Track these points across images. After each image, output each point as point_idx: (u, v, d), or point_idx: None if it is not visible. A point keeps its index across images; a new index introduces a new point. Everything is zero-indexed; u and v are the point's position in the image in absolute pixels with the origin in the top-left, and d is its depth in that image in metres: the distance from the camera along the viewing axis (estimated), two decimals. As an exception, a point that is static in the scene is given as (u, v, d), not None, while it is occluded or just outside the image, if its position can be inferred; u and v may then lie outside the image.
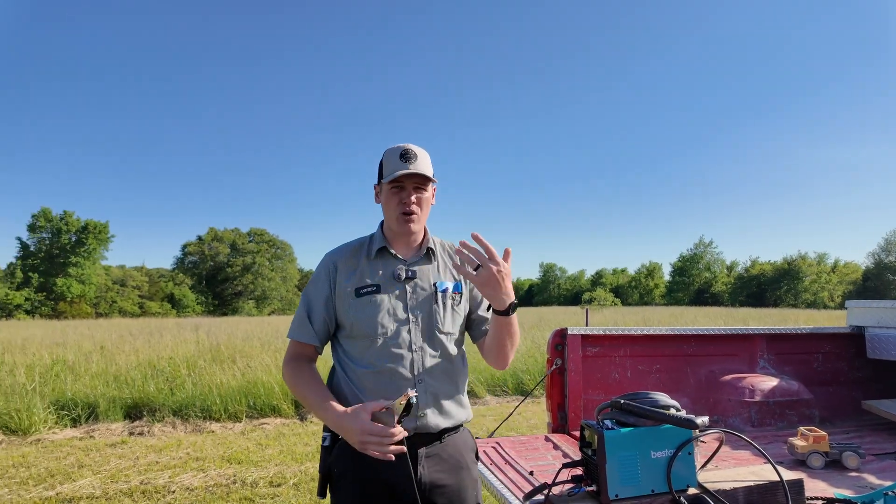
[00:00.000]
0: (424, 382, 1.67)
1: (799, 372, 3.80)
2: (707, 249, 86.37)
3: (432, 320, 1.72)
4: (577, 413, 3.30)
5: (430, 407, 1.67)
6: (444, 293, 1.74)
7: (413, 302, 1.71)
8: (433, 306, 1.72)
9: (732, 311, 37.84)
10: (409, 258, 1.77)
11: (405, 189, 1.69)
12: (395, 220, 1.71)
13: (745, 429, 3.37)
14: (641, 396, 1.59)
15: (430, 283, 1.74)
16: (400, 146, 1.70)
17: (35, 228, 58.64)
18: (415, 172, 1.65)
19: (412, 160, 1.67)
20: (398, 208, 1.69)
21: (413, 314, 1.70)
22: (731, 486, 1.52)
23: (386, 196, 1.72)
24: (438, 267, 1.79)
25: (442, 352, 1.72)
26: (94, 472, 5.02)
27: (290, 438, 6.25)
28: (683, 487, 1.50)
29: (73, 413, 6.97)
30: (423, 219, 1.76)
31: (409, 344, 1.68)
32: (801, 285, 73.61)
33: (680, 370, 3.67)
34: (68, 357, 9.58)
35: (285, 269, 75.32)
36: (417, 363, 1.68)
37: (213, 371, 8.51)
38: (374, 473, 1.61)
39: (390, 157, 1.70)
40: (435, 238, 1.86)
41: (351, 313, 1.70)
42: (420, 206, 1.71)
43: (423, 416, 1.65)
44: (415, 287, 1.73)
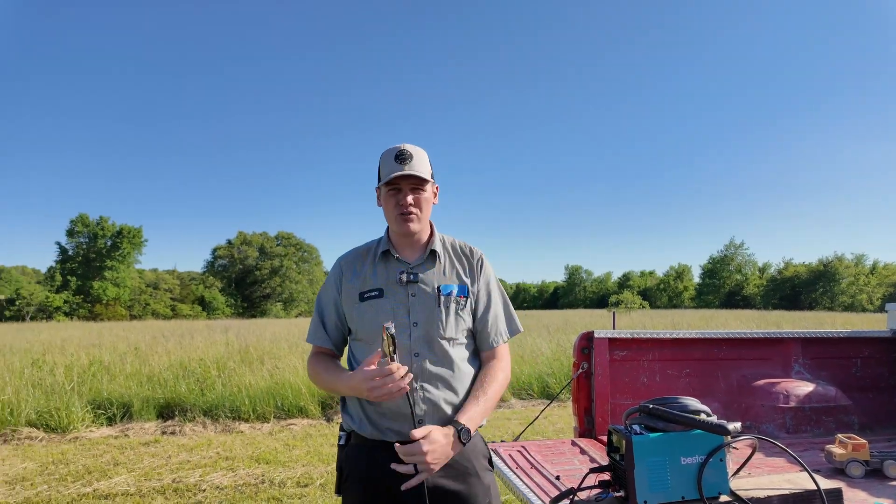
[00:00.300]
0: (423, 389, 1.64)
1: (836, 377, 3.67)
2: (738, 251, 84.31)
3: (434, 325, 1.67)
4: (604, 417, 3.26)
5: (428, 415, 1.64)
6: (447, 296, 1.70)
7: (415, 306, 1.68)
8: (436, 310, 1.68)
9: (765, 314, 36.82)
10: (413, 261, 1.74)
11: (402, 190, 1.67)
12: (394, 222, 1.70)
13: (779, 435, 3.28)
14: (671, 401, 1.56)
15: (434, 287, 1.70)
16: (396, 147, 1.68)
17: (73, 233, 60.76)
18: (409, 174, 1.63)
19: (407, 161, 1.65)
20: (396, 210, 1.68)
21: (413, 319, 1.67)
22: (765, 494, 1.48)
23: (384, 198, 1.71)
24: (444, 269, 1.75)
25: (443, 358, 1.67)
26: (129, 470, 5.17)
27: (317, 439, 6.31)
28: (715, 495, 1.46)
29: (108, 412, 7.18)
30: (424, 218, 1.73)
31: (408, 350, 1.65)
32: (837, 287, 71.20)
33: (710, 375, 3.58)
34: (104, 358, 9.89)
35: (312, 271, 76.29)
36: (416, 369, 1.64)
37: (242, 372, 8.67)
38: (378, 474, 1.61)
39: (386, 158, 1.68)
40: (444, 237, 1.82)
41: (355, 317, 1.71)
42: (419, 206, 1.69)
43: (420, 422, 1.62)
44: (417, 291, 1.69)
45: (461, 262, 1.79)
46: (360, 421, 1.68)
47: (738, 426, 1.45)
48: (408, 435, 1.54)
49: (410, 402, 1.59)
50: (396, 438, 1.61)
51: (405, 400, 1.60)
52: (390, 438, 1.62)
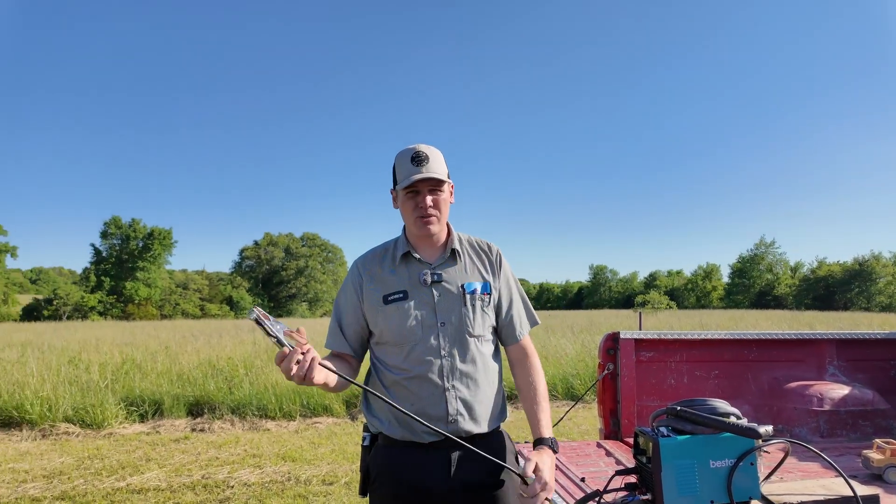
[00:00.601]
0: (455, 388, 1.65)
1: (874, 380, 3.55)
2: (769, 250, 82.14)
3: (462, 324, 1.68)
4: (630, 419, 3.21)
5: (460, 413, 1.64)
6: (472, 294, 1.70)
7: (440, 306, 1.68)
8: (462, 309, 1.69)
9: (797, 314, 35.82)
10: (434, 261, 1.73)
11: (420, 193, 1.65)
12: (413, 224, 1.68)
13: (812, 439, 3.19)
14: (699, 403, 1.53)
15: (458, 286, 1.70)
16: (411, 148, 1.66)
17: (107, 235, 62.56)
18: (427, 177, 1.61)
19: (424, 162, 1.62)
20: (415, 213, 1.66)
21: (441, 319, 1.67)
22: (798, 499, 1.44)
23: (402, 201, 1.69)
24: (465, 267, 1.75)
25: (472, 356, 1.69)
26: (160, 466, 5.30)
27: (342, 438, 6.38)
28: (745, 499, 1.43)
29: (140, 409, 7.38)
30: (443, 219, 1.71)
31: (437, 350, 1.65)
32: (874, 287, 68.80)
33: (740, 376, 3.51)
34: (136, 356, 10.17)
35: (336, 272, 77.09)
36: (447, 368, 1.65)
37: (269, 371, 8.81)
38: (409, 475, 1.62)
39: (402, 161, 1.66)
40: (461, 235, 1.81)
41: (380, 321, 1.69)
42: (438, 207, 1.67)
43: (453, 421, 1.63)
44: (442, 291, 1.69)
45: (480, 259, 1.79)
46: (389, 423, 1.67)
47: (770, 429, 1.42)
48: (438, 435, 1.53)
49: (446, 403, 1.61)
50: (431, 439, 1.62)
51: (438, 400, 1.62)
52: (423, 440, 1.63)
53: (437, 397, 1.62)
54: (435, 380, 1.63)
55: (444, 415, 1.62)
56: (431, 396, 1.63)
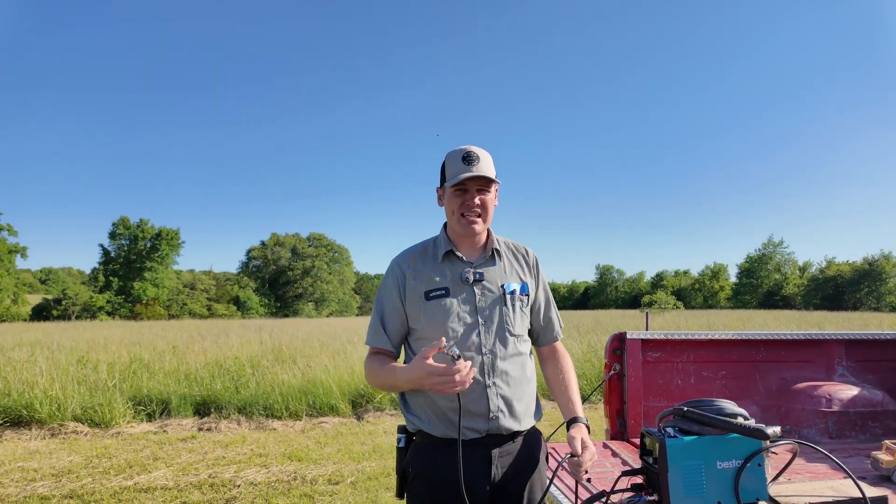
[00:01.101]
0: (496, 386, 1.67)
1: (884, 381, 3.52)
2: (777, 249, 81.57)
3: (503, 322, 1.71)
4: (636, 420, 3.20)
5: (501, 410, 1.67)
6: (511, 295, 1.74)
7: (482, 304, 1.71)
8: (503, 308, 1.72)
9: (806, 314, 35.56)
10: (475, 260, 1.77)
11: (468, 191, 1.69)
12: (458, 223, 1.71)
13: (821, 441, 3.16)
14: (706, 404, 1.52)
15: (498, 286, 1.74)
16: (462, 148, 1.70)
17: (115, 236, 63.03)
18: (478, 175, 1.65)
19: (475, 162, 1.66)
20: (461, 210, 1.69)
21: (482, 317, 1.70)
22: (806, 501, 1.43)
23: (449, 199, 1.72)
24: (505, 268, 1.79)
25: (512, 354, 1.72)
26: (168, 465, 5.33)
27: (348, 437, 6.39)
28: (753, 501, 1.42)
29: (148, 408, 7.42)
30: (488, 220, 1.75)
31: (478, 347, 1.68)
32: (884, 287, 68.16)
33: (748, 377, 3.48)
34: (144, 356, 10.22)
35: (342, 272, 77.35)
36: (488, 366, 1.67)
37: (275, 371, 8.84)
38: (447, 474, 1.63)
39: (453, 159, 1.70)
40: (499, 238, 1.84)
41: (421, 317, 1.71)
42: (484, 207, 1.71)
43: (494, 418, 1.66)
44: (483, 289, 1.73)
45: (518, 262, 1.83)
46: (430, 421, 1.69)
47: (778, 430, 1.40)
48: (480, 431, 1.65)
49: (487, 399, 1.66)
50: (472, 436, 1.65)
51: (479, 397, 1.65)
52: (465, 437, 1.65)
53: (478, 394, 1.65)
54: (476, 377, 1.65)
55: (485, 411, 1.65)
56: (473, 393, 1.64)
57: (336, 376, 8.30)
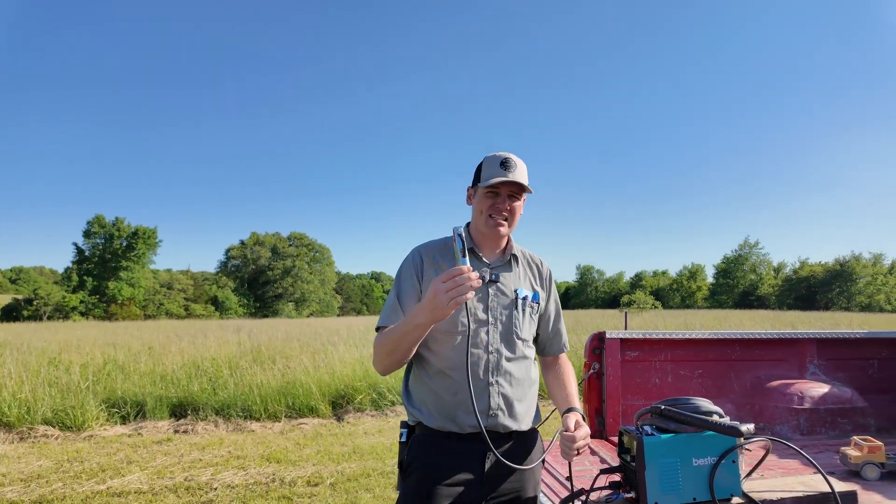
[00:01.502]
0: (498, 384, 1.71)
1: (853, 378, 3.62)
2: (752, 250, 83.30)
3: (511, 324, 1.76)
4: (615, 418, 3.23)
5: (500, 408, 1.71)
6: (523, 300, 1.79)
7: (494, 304, 1.75)
8: (513, 311, 1.77)
9: (780, 314, 36.37)
10: (493, 262, 1.81)
11: (500, 195, 1.74)
12: (484, 223, 1.75)
13: (793, 437, 3.23)
14: (683, 402, 1.54)
15: (512, 289, 1.79)
16: (501, 154, 1.75)
17: (90, 234, 61.57)
18: (513, 181, 1.70)
19: (512, 169, 1.72)
20: (490, 211, 1.74)
21: (492, 316, 1.74)
22: (779, 496, 1.46)
23: (480, 199, 1.76)
24: (519, 275, 1.84)
25: (517, 356, 1.76)
26: (142, 468, 5.22)
27: (328, 439, 6.34)
28: (727, 497, 1.44)
29: (122, 411, 7.27)
30: (513, 226, 1.80)
31: (486, 345, 1.72)
32: (854, 287, 70.12)
33: (724, 375, 3.54)
34: (119, 357, 10.01)
35: (323, 272, 76.75)
36: (492, 364, 1.71)
37: (254, 372, 8.74)
38: (444, 462, 1.67)
39: (490, 163, 1.74)
40: (517, 246, 1.90)
41: None
42: (512, 213, 1.76)
43: (493, 415, 1.69)
44: (497, 291, 1.77)
45: (532, 271, 1.89)
46: (429, 413, 1.72)
47: (752, 428, 1.43)
48: (478, 426, 1.62)
49: (488, 396, 1.69)
50: (469, 430, 1.67)
51: (481, 393, 1.68)
52: (464, 430, 1.67)
53: (480, 390, 1.68)
54: (479, 373, 1.69)
55: (485, 408, 1.69)
56: (475, 389, 1.67)
57: (316, 377, 8.24)
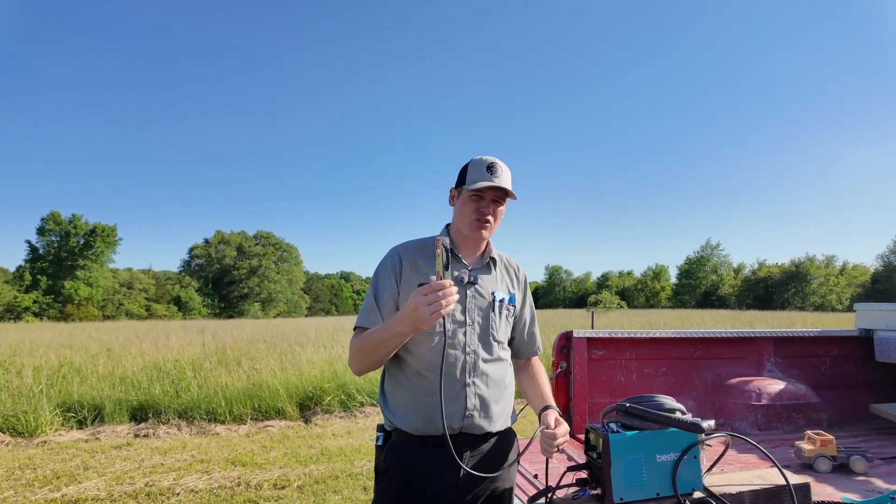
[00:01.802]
0: (475, 385, 1.72)
1: (807, 375, 3.77)
2: (714, 252, 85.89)
3: (488, 326, 1.78)
4: (582, 416, 3.29)
5: (477, 409, 1.71)
6: (500, 303, 1.82)
7: (471, 306, 1.77)
8: (490, 314, 1.79)
9: (739, 313, 37.60)
10: (472, 264, 1.82)
11: (485, 200, 1.76)
12: (468, 226, 1.77)
13: (751, 432, 3.35)
14: (647, 400, 1.58)
15: (489, 292, 1.81)
16: (487, 159, 1.76)
17: (44, 232, 59.05)
18: (499, 186, 1.72)
19: (498, 174, 1.74)
20: (474, 215, 1.75)
21: (470, 318, 1.75)
22: (737, 489, 1.51)
23: (464, 202, 1.77)
24: (497, 278, 1.86)
25: (494, 357, 1.78)
26: (100, 474, 5.04)
27: (295, 441, 6.25)
28: (689, 491, 1.48)
29: (79, 415, 7.00)
30: (493, 230, 1.82)
31: (463, 346, 1.73)
32: (808, 288, 73.10)
33: (686, 373, 3.64)
34: (75, 359, 9.64)
35: (291, 271, 75.55)
36: (469, 365, 1.72)
37: (219, 373, 8.54)
38: (419, 467, 1.67)
39: (477, 166, 1.76)
40: (495, 250, 1.92)
41: None
42: (494, 217, 1.78)
43: (469, 416, 1.70)
44: (475, 293, 1.78)
45: (509, 275, 1.92)
46: (406, 417, 1.71)
47: (712, 424, 1.48)
48: (454, 428, 1.68)
49: (465, 397, 1.69)
50: (446, 432, 1.64)
51: (457, 394, 1.69)
52: (436, 432, 1.67)
53: (457, 391, 1.69)
54: (456, 374, 1.70)
55: (461, 409, 1.69)
56: (452, 390, 1.69)
57: (283, 378, 8.11)
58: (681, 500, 1.45)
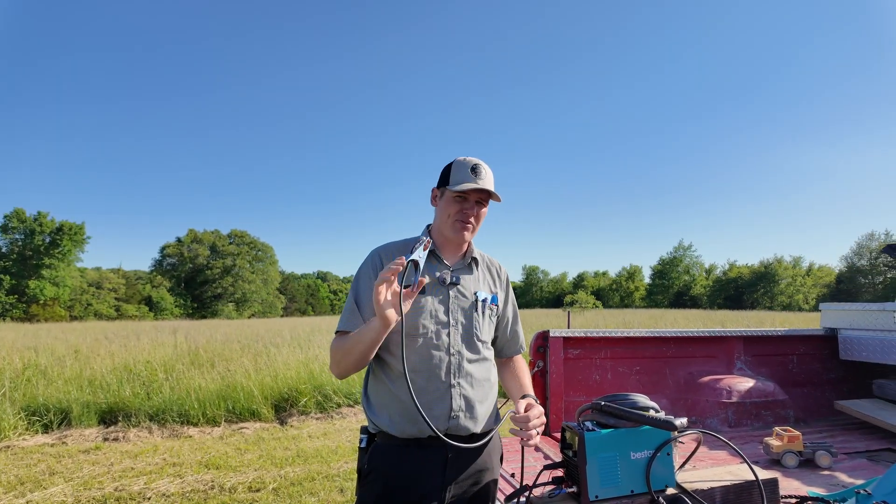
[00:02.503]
0: (460, 386, 1.71)
1: (774, 373, 3.87)
2: (686, 253, 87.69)
3: (472, 327, 1.78)
4: (558, 415, 3.32)
5: (462, 410, 1.70)
6: (483, 303, 1.82)
7: (454, 307, 1.77)
8: (474, 314, 1.79)
9: (710, 313, 38.41)
10: (454, 265, 1.83)
11: (468, 201, 1.76)
12: (450, 227, 1.77)
13: (722, 429, 3.42)
14: (621, 398, 1.60)
15: (472, 292, 1.81)
16: (471, 160, 1.76)
17: (7, 229, 57.05)
18: (483, 188, 1.72)
19: (481, 176, 1.74)
20: (457, 216, 1.76)
21: (454, 318, 1.75)
22: (709, 485, 1.54)
23: (446, 202, 1.77)
24: (479, 277, 1.86)
25: (478, 358, 1.78)
26: (66, 480, 4.90)
27: (270, 443, 6.16)
28: (662, 488, 1.51)
29: (44, 419, 6.78)
30: (475, 231, 1.82)
31: (447, 347, 1.72)
32: (777, 288, 75.15)
33: (659, 372, 3.71)
34: (41, 361, 9.34)
35: (266, 271, 74.46)
36: (454, 366, 1.72)
37: (192, 375, 8.36)
38: (404, 470, 1.66)
39: (460, 167, 1.75)
40: (477, 250, 1.92)
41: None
42: (477, 219, 1.79)
43: (455, 417, 1.68)
44: (457, 293, 1.78)
45: (491, 274, 1.92)
46: (391, 419, 1.70)
47: (685, 421, 1.51)
48: (442, 431, 1.65)
49: (450, 398, 1.68)
50: (430, 434, 1.64)
51: (443, 395, 1.68)
52: (424, 434, 1.66)
53: (441, 392, 1.68)
54: (441, 375, 1.70)
55: (447, 411, 1.68)
56: (437, 391, 1.68)
57: (258, 380, 7.99)
58: (654, 496, 1.48)
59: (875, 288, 65.90)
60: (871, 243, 68.51)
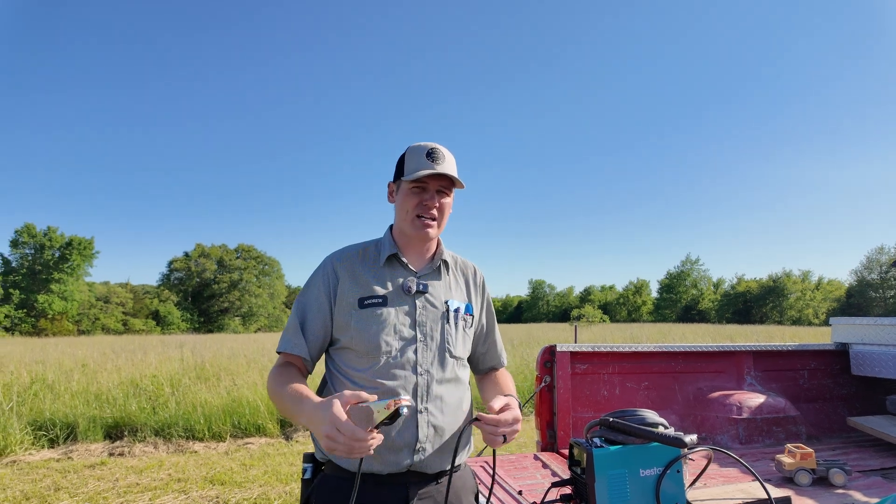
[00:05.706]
0: (428, 412, 1.47)
1: (785, 389, 3.82)
2: (694, 267, 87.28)
3: (444, 342, 1.54)
4: (566, 431, 3.28)
5: (429, 441, 1.46)
6: (455, 313, 1.58)
7: (422, 319, 1.53)
8: (445, 326, 1.55)
9: (719, 327, 38.08)
10: (420, 270, 1.59)
11: (427, 191, 1.52)
12: (410, 223, 1.53)
13: (732, 446, 3.37)
14: (630, 414, 1.58)
15: (442, 301, 1.57)
16: (426, 144, 1.52)
17: (18, 244, 57.76)
18: (442, 173, 1.48)
19: (439, 160, 1.50)
20: (416, 210, 1.52)
21: (422, 332, 1.52)
22: (720, 504, 1.52)
23: (404, 195, 1.53)
24: (450, 283, 1.62)
25: (450, 378, 1.54)
26: (72, 495, 4.88)
27: (276, 458, 6.13)
28: (672, 506, 1.49)
29: (50, 433, 6.78)
30: (442, 226, 1.58)
31: (414, 366, 1.49)
32: (786, 302, 74.51)
33: (668, 387, 3.67)
34: (48, 375, 9.36)
35: (273, 285, 74.74)
36: (422, 388, 1.48)
37: (198, 389, 8.36)
38: None
39: (415, 154, 1.51)
40: (447, 251, 1.68)
41: (352, 326, 1.50)
42: (441, 211, 1.55)
43: (420, 450, 1.46)
44: (425, 303, 1.55)
45: (465, 279, 1.68)
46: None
47: (694, 438, 1.49)
48: (401, 465, 1.43)
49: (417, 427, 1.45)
50: (390, 470, 1.44)
51: (408, 423, 1.44)
52: (382, 471, 1.44)
53: (407, 420, 1.44)
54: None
55: (412, 442, 1.44)
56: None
57: (264, 394, 7.97)
58: (665, 514, 1.45)
59: (886, 302, 65.20)
60: (880, 257, 67.95)
